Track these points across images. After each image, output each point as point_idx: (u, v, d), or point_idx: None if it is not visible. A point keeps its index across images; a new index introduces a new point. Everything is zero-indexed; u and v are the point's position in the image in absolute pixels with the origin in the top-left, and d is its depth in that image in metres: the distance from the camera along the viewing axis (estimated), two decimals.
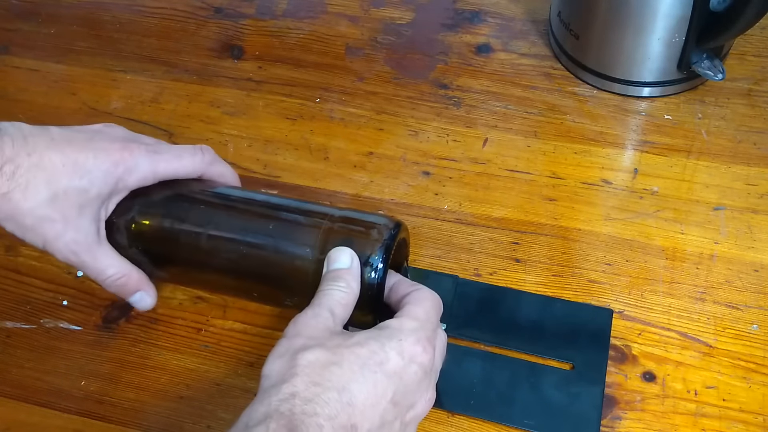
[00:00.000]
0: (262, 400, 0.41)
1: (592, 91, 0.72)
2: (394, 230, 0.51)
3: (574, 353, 0.56)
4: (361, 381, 0.42)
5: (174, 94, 0.76)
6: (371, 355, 0.43)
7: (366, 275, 0.49)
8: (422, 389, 0.45)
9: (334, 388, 0.41)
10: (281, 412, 0.39)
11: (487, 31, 0.78)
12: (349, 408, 0.41)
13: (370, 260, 0.49)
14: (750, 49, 0.73)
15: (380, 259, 0.49)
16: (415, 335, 0.45)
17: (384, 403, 0.42)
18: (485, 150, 0.69)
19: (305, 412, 0.40)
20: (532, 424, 0.53)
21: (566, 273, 0.60)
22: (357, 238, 0.50)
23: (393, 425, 0.43)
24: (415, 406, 0.45)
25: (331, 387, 0.41)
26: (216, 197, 0.55)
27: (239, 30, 0.81)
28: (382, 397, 0.42)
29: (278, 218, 0.53)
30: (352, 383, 0.41)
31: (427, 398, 0.46)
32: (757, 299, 0.58)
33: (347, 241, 0.50)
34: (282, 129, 0.72)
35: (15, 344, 0.60)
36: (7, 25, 0.84)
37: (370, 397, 0.42)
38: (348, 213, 0.52)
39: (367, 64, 0.76)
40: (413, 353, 0.44)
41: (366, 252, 0.49)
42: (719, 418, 0.53)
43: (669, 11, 0.63)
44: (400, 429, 0.44)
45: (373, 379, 0.42)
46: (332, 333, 0.45)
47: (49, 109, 0.76)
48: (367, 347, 0.43)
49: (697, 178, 0.65)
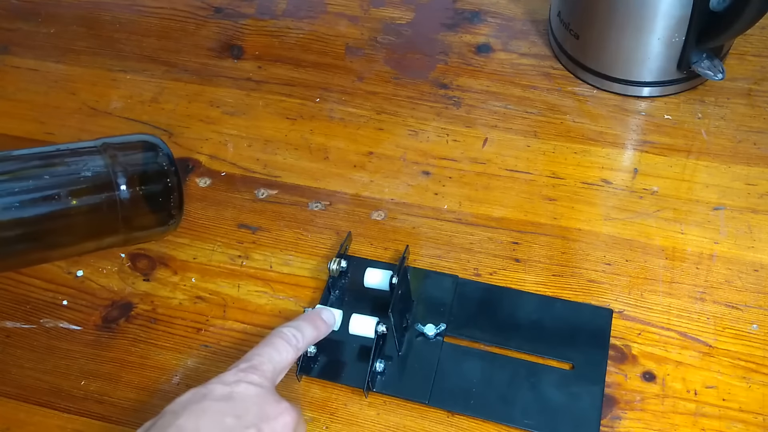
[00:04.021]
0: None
1: (592, 90, 0.72)
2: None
3: (574, 353, 0.56)
4: (190, 417, 0.43)
5: (174, 93, 0.76)
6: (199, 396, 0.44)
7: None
8: (266, 403, 0.45)
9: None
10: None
11: (487, 31, 0.78)
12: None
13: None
14: (750, 49, 0.73)
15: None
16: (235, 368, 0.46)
17: (225, 421, 0.43)
18: (485, 150, 0.69)
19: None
20: (532, 424, 0.53)
21: (566, 273, 0.60)
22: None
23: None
24: (268, 420, 0.44)
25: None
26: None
27: (239, 30, 0.81)
28: (218, 421, 0.43)
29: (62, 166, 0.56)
30: (180, 418, 0.42)
31: (283, 411, 0.46)
32: (757, 299, 0.58)
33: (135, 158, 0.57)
34: (282, 129, 0.72)
35: (15, 344, 0.60)
36: (7, 25, 0.84)
37: (206, 423, 0.43)
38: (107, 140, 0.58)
39: (366, 63, 0.76)
40: (234, 379, 0.46)
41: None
42: (719, 417, 0.53)
43: (669, 11, 0.63)
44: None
45: (200, 408, 0.43)
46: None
47: (49, 109, 0.76)
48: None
49: (697, 178, 0.65)
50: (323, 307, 0.56)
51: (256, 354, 0.48)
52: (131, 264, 0.64)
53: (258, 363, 0.47)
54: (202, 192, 0.68)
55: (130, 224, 0.58)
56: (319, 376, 0.57)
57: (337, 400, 0.56)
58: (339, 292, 0.60)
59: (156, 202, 0.59)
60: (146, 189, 0.58)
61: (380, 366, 0.56)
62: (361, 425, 0.55)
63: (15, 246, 0.55)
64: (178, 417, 0.42)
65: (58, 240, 0.57)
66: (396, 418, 0.55)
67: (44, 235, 0.56)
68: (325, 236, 0.64)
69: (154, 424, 0.43)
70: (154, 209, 0.59)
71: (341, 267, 0.59)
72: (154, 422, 0.43)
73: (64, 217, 0.56)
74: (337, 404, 0.56)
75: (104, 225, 0.57)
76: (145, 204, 0.58)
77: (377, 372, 0.56)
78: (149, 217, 0.60)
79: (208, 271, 0.63)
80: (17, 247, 0.56)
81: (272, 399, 0.45)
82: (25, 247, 0.56)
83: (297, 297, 0.61)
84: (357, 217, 0.65)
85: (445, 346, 0.57)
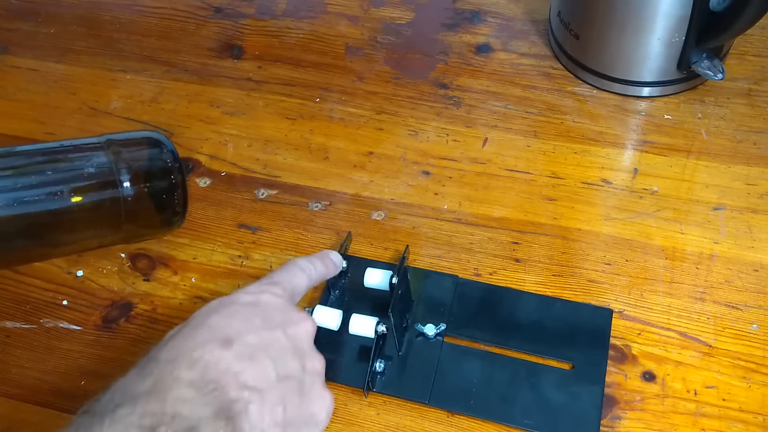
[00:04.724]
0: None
1: (592, 90, 0.72)
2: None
3: (574, 353, 0.56)
4: (221, 317, 0.44)
5: (174, 93, 0.76)
6: (258, 312, 0.46)
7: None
8: (288, 311, 0.47)
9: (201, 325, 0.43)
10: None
11: (487, 31, 0.78)
12: (219, 331, 0.43)
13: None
14: (750, 49, 0.73)
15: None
16: (277, 301, 0.48)
17: (253, 321, 0.45)
18: (485, 150, 0.69)
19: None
20: (532, 424, 0.53)
21: (566, 273, 0.60)
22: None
23: (274, 333, 0.45)
24: (291, 324, 0.46)
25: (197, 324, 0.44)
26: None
27: (239, 30, 0.81)
28: (247, 320, 0.44)
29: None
30: (212, 318, 0.44)
31: (305, 318, 0.48)
32: (757, 299, 0.58)
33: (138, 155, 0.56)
34: (282, 129, 0.72)
35: (15, 344, 0.60)
36: (7, 25, 0.84)
37: (236, 322, 0.44)
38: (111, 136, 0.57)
39: (366, 63, 0.76)
40: (258, 290, 0.48)
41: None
42: (719, 417, 0.53)
43: (669, 11, 0.63)
44: (285, 340, 0.45)
45: (230, 311, 0.45)
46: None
47: (49, 109, 0.76)
48: (255, 307, 0.46)
49: (696, 178, 0.65)
50: (330, 250, 0.57)
51: (276, 275, 0.51)
52: (131, 264, 0.64)
53: (278, 280, 0.50)
54: (202, 192, 0.68)
55: (133, 221, 0.58)
56: None
57: (337, 400, 0.56)
58: (339, 292, 0.60)
59: (160, 199, 0.59)
60: (150, 185, 0.58)
61: (380, 366, 0.56)
62: (361, 425, 0.55)
63: (16, 242, 0.55)
64: (209, 317, 0.44)
65: (59, 237, 0.57)
66: (396, 418, 0.55)
67: (46, 231, 0.56)
68: (325, 236, 0.64)
69: (185, 326, 0.44)
70: (158, 206, 0.59)
71: (341, 267, 0.59)
72: (184, 325, 0.44)
73: (67, 214, 0.55)
74: (337, 404, 0.56)
75: (107, 222, 0.57)
76: (149, 201, 0.58)
77: (377, 372, 0.56)
78: (153, 214, 0.59)
79: (208, 271, 0.63)
80: (18, 243, 0.56)
81: (293, 309, 0.48)
82: (26, 243, 0.56)
83: None
84: (357, 217, 0.65)
85: (445, 346, 0.57)
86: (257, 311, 0.46)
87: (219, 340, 0.42)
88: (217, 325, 0.43)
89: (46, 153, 0.57)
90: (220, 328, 0.43)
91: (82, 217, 0.56)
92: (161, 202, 0.59)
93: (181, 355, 0.41)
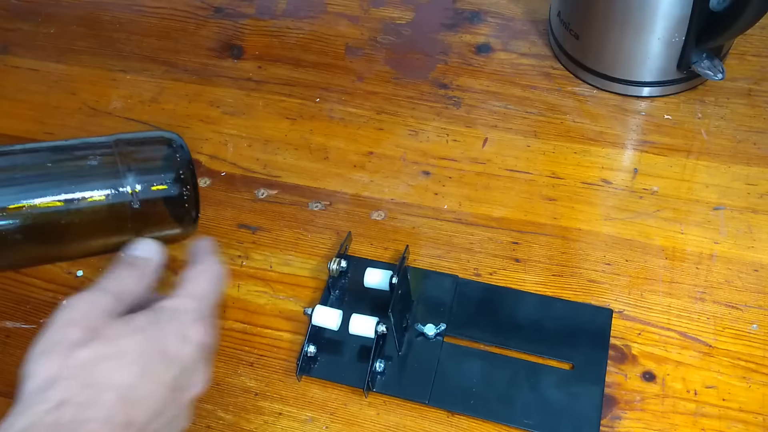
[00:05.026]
0: (23, 411, 0.36)
1: (592, 90, 0.72)
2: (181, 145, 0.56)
3: (574, 353, 0.56)
4: (141, 374, 0.39)
5: (174, 93, 0.76)
6: (151, 343, 0.40)
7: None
8: (200, 369, 0.43)
9: (112, 388, 0.38)
10: (46, 422, 0.35)
11: (487, 31, 0.78)
12: (127, 405, 0.38)
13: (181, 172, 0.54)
14: (750, 49, 0.73)
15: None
16: (194, 315, 0.43)
17: (162, 390, 0.40)
18: (485, 150, 0.69)
19: (77, 419, 0.36)
20: (532, 423, 0.53)
21: (566, 273, 0.60)
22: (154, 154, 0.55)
23: (170, 410, 0.41)
24: (192, 387, 0.43)
25: (108, 386, 0.38)
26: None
27: (239, 30, 0.81)
28: (160, 384, 0.40)
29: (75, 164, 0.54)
30: (132, 377, 0.39)
31: (204, 378, 0.44)
32: (757, 299, 0.58)
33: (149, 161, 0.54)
34: (282, 129, 0.72)
35: (15, 344, 0.60)
36: (7, 25, 0.84)
37: (149, 387, 0.39)
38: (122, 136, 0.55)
39: (366, 63, 0.76)
40: (192, 335, 0.42)
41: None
42: (719, 417, 0.53)
43: (669, 11, 0.63)
44: (176, 412, 0.41)
45: (153, 370, 0.40)
46: (112, 319, 0.41)
47: (49, 109, 0.76)
48: (147, 334, 0.41)
49: (696, 178, 0.65)
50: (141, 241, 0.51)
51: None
52: None
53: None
54: (202, 192, 0.68)
55: (143, 225, 0.57)
56: (319, 376, 0.57)
57: (337, 400, 0.56)
58: (339, 292, 0.60)
59: (170, 201, 0.58)
60: (160, 187, 0.57)
61: (380, 366, 0.56)
62: (361, 425, 0.55)
63: (18, 244, 0.55)
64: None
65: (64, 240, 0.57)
66: (396, 418, 0.55)
67: (50, 233, 0.55)
68: (325, 236, 0.64)
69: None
70: (167, 208, 0.58)
71: (341, 267, 0.59)
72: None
73: (72, 215, 0.55)
74: (337, 404, 0.56)
75: (114, 225, 0.56)
76: (158, 203, 0.57)
77: (377, 372, 0.56)
78: (161, 216, 0.58)
79: None
80: (20, 245, 0.55)
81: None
82: (29, 245, 0.55)
83: (297, 297, 0.61)
84: (357, 217, 0.65)
85: (445, 346, 0.57)
86: (176, 374, 0.41)
87: (122, 425, 0.38)
88: (130, 398, 0.39)
89: (52, 150, 0.56)
90: (131, 403, 0.39)
91: (88, 219, 0.55)
92: (171, 205, 0.58)
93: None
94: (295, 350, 0.58)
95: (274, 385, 0.57)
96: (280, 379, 0.57)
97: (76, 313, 0.41)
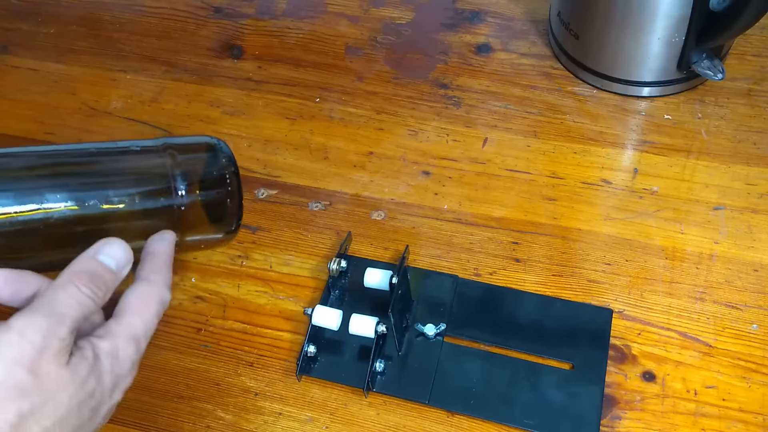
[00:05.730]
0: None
1: (592, 90, 0.72)
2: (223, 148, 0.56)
3: (574, 353, 0.56)
4: (65, 422, 0.38)
5: (174, 93, 0.76)
6: (87, 397, 0.39)
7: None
8: (119, 390, 0.42)
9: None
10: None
11: (486, 30, 0.78)
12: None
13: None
14: (750, 49, 0.73)
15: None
16: (131, 364, 0.42)
17: (78, 428, 0.39)
18: (485, 150, 0.69)
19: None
20: (532, 424, 0.53)
21: (566, 273, 0.60)
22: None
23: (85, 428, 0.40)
24: (108, 415, 0.42)
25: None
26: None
27: (239, 30, 0.81)
28: (79, 428, 0.39)
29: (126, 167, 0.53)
30: (57, 428, 0.38)
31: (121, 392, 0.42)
32: (757, 299, 0.58)
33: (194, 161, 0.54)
34: (282, 129, 0.72)
35: None
36: (7, 25, 0.84)
37: (67, 429, 0.38)
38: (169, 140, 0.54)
39: (366, 63, 0.76)
40: (125, 385, 0.42)
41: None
42: (719, 417, 0.53)
43: (669, 11, 0.63)
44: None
45: (79, 419, 0.39)
46: (59, 368, 0.38)
47: (49, 109, 0.76)
48: (86, 388, 0.39)
49: (696, 178, 0.65)
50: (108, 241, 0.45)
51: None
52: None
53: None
54: None
55: (187, 229, 0.55)
56: (319, 376, 0.57)
57: (337, 400, 0.56)
58: (339, 292, 0.60)
59: (216, 207, 0.56)
60: (206, 194, 0.55)
61: (380, 366, 0.56)
62: (360, 425, 0.55)
63: (63, 246, 0.53)
64: None
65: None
66: (396, 418, 0.55)
67: (96, 236, 0.53)
68: (325, 236, 0.64)
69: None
70: (214, 215, 0.56)
71: (341, 267, 0.59)
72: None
73: (118, 220, 0.53)
74: (336, 404, 0.56)
75: (159, 227, 0.54)
76: (205, 209, 0.55)
77: (377, 372, 0.56)
78: (207, 222, 0.56)
79: (207, 271, 0.63)
80: (65, 247, 0.53)
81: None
82: (73, 247, 0.54)
83: (297, 297, 0.61)
84: (357, 217, 0.65)
85: (445, 346, 0.57)
86: (95, 405, 0.40)
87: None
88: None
89: (100, 154, 0.54)
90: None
91: (134, 223, 0.54)
92: (217, 211, 0.55)
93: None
94: (295, 350, 0.58)
95: (274, 385, 0.57)
96: (280, 379, 0.57)
97: (28, 348, 0.37)
